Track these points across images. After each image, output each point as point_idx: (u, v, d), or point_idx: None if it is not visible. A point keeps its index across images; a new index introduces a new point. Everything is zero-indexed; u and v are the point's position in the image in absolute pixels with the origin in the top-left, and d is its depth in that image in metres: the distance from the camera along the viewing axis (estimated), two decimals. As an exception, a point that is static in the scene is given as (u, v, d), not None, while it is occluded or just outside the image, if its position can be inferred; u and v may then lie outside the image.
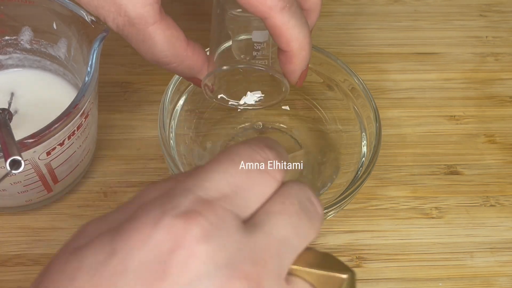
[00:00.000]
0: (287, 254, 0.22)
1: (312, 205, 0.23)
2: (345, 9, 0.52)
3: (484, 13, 0.53)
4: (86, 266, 0.20)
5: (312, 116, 0.43)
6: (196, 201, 0.21)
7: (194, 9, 0.51)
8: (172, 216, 0.20)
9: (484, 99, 0.48)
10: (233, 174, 0.22)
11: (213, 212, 0.20)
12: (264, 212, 0.22)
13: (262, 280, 0.20)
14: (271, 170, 0.23)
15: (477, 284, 0.39)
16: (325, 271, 0.22)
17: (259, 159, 0.23)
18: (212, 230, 0.20)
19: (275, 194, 0.23)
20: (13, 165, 0.30)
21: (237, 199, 0.22)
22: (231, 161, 0.22)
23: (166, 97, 0.38)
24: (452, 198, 0.43)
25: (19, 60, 0.41)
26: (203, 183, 0.21)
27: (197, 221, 0.20)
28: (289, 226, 0.22)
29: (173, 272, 0.19)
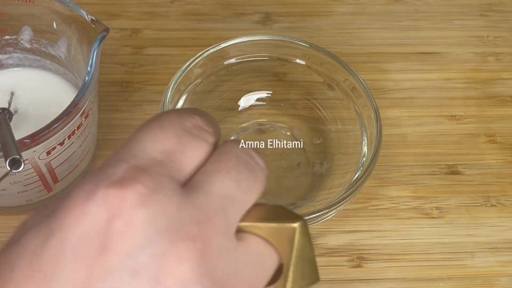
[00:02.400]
0: (233, 209, 0.21)
1: (251, 158, 0.23)
2: (346, 8, 0.52)
3: (485, 12, 0.53)
4: (24, 252, 0.19)
5: (313, 115, 0.43)
6: (129, 169, 0.20)
7: (194, 9, 0.51)
8: (105, 186, 0.19)
9: (485, 99, 0.48)
10: (163, 141, 0.21)
11: (148, 177, 0.20)
12: (201, 173, 0.22)
13: (209, 238, 0.20)
14: (202, 133, 0.22)
15: (478, 284, 0.39)
16: (275, 223, 0.22)
17: (188, 124, 0.22)
18: (148, 195, 0.19)
19: (211, 154, 0.22)
20: (13, 165, 0.30)
21: (171, 164, 0.21)
22: (161, 127, 0.22)
23: (166, 97, 0.38)
24: (453, 198, 0.43)
25: (19, 59, 0.41)
26: (135, 152, 0.21)
27: (132, 187, 0.19)
28: (229, 181, 0.21)
29: (113, 243, 0.19)
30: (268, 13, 0.51)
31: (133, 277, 0.19)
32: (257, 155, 0.23)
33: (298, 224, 0.22)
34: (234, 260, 0.20)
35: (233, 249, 0.21)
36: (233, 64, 0.42)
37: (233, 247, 0.21)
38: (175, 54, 0.48)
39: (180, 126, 0.22)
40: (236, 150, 0.22)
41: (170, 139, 0.22)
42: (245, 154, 0.23)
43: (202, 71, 0.41)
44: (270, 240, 0.22)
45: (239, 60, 0.42)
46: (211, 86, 0.42)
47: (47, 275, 0.19)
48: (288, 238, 0.22)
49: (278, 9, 0.51)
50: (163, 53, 0.48)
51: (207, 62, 0.41)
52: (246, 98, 0.44)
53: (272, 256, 0.22)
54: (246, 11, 0.51)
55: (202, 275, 0.19)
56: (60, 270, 0.19)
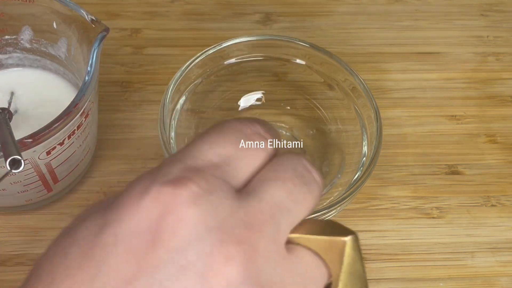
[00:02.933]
0: (284, 219, 0.21)
1: (307, 171, 0.23)
2: (346, 8, 0.52)
3: (485, 12, 0.53)
4: (79, 240, 0.20)
5: (313, 115, 0.43)
6: (185, 169, 0.20)
7: (194, 9, 0.51)
8: (160, 183, 0.20)
9: (485, 99, 0.48)
10: (222, 145, 0.22)
11: (203, 177, 0.20)
12: (256, 180, 0.22)
13: (257, 243, 0.20)
14: (261, 141, 0.23)
15: (478, 284, 0.39)
16: (326, 236, 0.22)
17: (249, 132, 0.23)
18: (202, 194, 0.20)
19: (268, 163, 0.23)
20: (13, 165, 0.30)
21: (227, 168, 0.21)
22: (221, 133, 0.22)
23: (166, 96, 0.38)
24: (453, 198, 0.42)
25: (19, 59, 0.41)
26: (192, 154, 0.21)
27: (186, 185, 0.20)
28: (283, 191, 0.21)
29: (164, 238, 0.19)
30: (268, 13, 0.51)
31: (180, 272, 0.19)
32: (314, 170, 0.23)
33: (349, 239, 0.21)
34: (281, 269, 0.21)
35: (281, 257, 0.21)
36: (233, 64, 0.42)
37: (281, 256, 0.21)
38: (175, 54, 0.48)
39: (240, 132, 0.23)
40: (294, 162, 0.23)
41: (228, 144, 0.22)
42: (302, 167, 0.23)
43: (202, 71, 0.41)
44: (320, 254, 0.22)
45: (239, 60, 0.42)
46: (211, 86, 0.42)
47: (99, 264, 0.19)
48: (339, 253, 0.22)
49: (278, 9, 0.51)
50: (163, 53, 0.48)
51: (207, 62, 0.41)
52: (246, 98, 0.44)
53: (321, 270, 0.22)
54: (246, 11, 0.51)
55: (247, 278, 0.19)
56: (111, 260, 0.19)
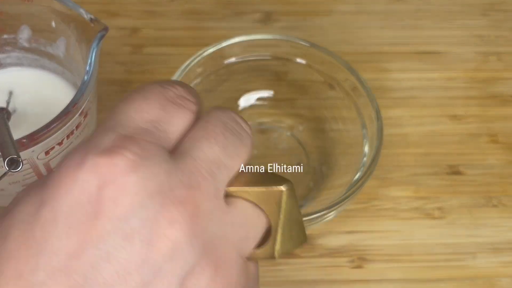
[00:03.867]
0: (220, 173, 0.22)
1: (237, 124, 0.23)
2: (347, 7, 0.52)
3: (486, 12, 0.52)
4: (17, 222, 0.20)
5: (313, 115, 0.43)
6: (117, 138, 0.20)
7: (194, 8, 0.51)
8: (94, 154, 0.20)
9: (486, 98, 0.48)
10: (148, 110, 0.22)
11: (136, 144, 0.20)
12: (188, 139, 0.22)
13: (198, 202, 0.20)
14: (185, 102, 0.23)
15: (479, 284, 0.39)
16: (263, 187, 0.22)
17: (170, 94, 0.23)
18: (138, 161, 0.20)
19: (197, 121, 0.23)
20: (11, 165, 0.30)
21: (157, 132, 0.21)
22: (144, 98, 0.22)
23: (166, 96, 0.38)
24: (455, 198, 0.42)
25: (18, 58, 0.41)
26: (121, 122, 0.21)
27: (121, 154, 0.20)
28: (216, 147, 0.22)
29: (105, 209, 0.19)
30: (269, 12, 0.51)
31: (126, 241, 0.19)
32: (244, 121, 0.24)
33: (286, 188, 0.22)
34: (223, 223, 0.21)
35: (222, 212, 0.21)
36: (233, 63, 0.42)
37: (222, 210, 0.21)
38: (175, 54, 0.48)
39: (163, 96, 0.23)
40: (223, 117, 0.23)
41: (154, 108, 0.22)
42: (231, 121, 0.23)
43: (202, 71, 0.41)
44: (258, 204, 0.22)
45: (239, 60, 0.42)
46: (211, 85, 0.42)
47: (40, 242, 0.19)
48: (276, 201, 0.22)
49: (279, 8, 0.51)
50: (162, 53, 0.48)
51: (207, 62, 0.41)
52: (246, 97, 0.44)
53: (261, 219, 0.23)
54: (246, 10, 0.51)
55: (193, 237, 0.20)
56: (52, 237, 0.19)
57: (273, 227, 0.23)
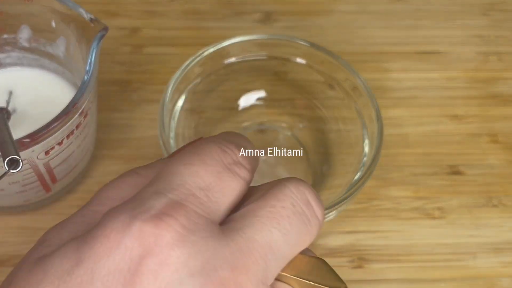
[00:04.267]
0: (274, 261, 0.20)
1: (308, 207, 0.21)
2: (347, 7, 0.52)
3: (487, 12, 0.52)
4: (51, 276, 0.19)
5: (313, 115, 0.43)
6: (167, 204, 0.19)
7: (194, 8, 0.51)
8: (142, 220, 0.19)
9: (487, 98, 0.48)
10: (204, 177, 0.21)
11: (186, 215, 0.19)
12: (248, 214, 0.21)
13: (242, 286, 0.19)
14: (241, 171, 0.22)
15: (480, 285, 0.39)
16: (316, 283, 0.21)
17: (229, 160, 0.21)
18: (185, 235, 0.19)
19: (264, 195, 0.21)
20: (11, 165, 0.30)
21: (208, 203, 0.20)
22: (202, 162, 0.21)
23: (166, 96, 0.38)
24: (455, 199, 0.42)
25: (18, 58, 0.41)
26: (174, 186, 0.20)
27: (169, 225, 0.19)
28: (277, 232, 0.20)
29: (144, 280, 0.18)
30: (269, 12, 0.51)
31: None
32: (317, 203, 0.22)
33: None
34: None
35: None
36: (233, 63, 0.42)
37: None
38: (175, 53, 0.48)
39: (221, 161, 0.21)
40: (295, 196, 0.21)
41: (210, 175, 0.21)
42: (303, 203, 0.21)
43: (202, 70, 0.41)
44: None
45: (239, 59, 0.42)
46: (211, 85, 0.42)
47: None
48: None
49: (279, 8, 0.51)
50: (162, 52, 0.48)
51: (207, 61, 0.41)
52: (246, 97, 0.44)
53: None
54: (246, 10, 0.51)
55: None
56: None
57: None
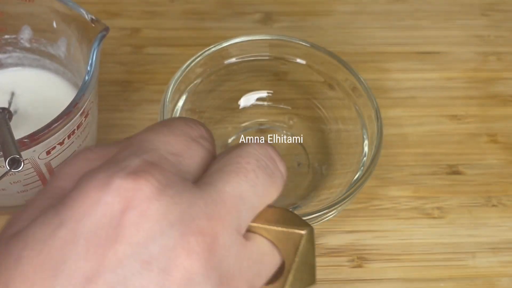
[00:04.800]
0: (245, 211, 0.21)
1: (271, 161, 0.23)
2: (346, 8, 0.52)
3: (486, 12, 0.53)
4: (32, 243, 0.19)
5: (313, 115, 0.43)
6: (143, 163, 0.21)
7: (194, 8, 0.51)
8: (121, 177, 0.20)
9: (486, 98, 0.48)
10: (174, 144, 0.22)
11: (161, 171, 0.20)
12: (217, 171, 0.22)
13: (218, 234, 0.20)
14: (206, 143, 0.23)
15: (479, 284, 0.39)
16: (283, 227, 0.22)
17: (195, 133, 0.23)
18: (162, 188, 0.20)
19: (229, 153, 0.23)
20: (12, 164, 0.30)
21: (180, 165, 0.22)
22: (172, 132, 0.23)
23: (166, 96, 0.38)
24: (454, 198, 0.42)
25: (19, 59, 0.41)
26: (147, 150, 0.21)
27: (146, 179, 0.20)
28: (245, 184, 0.22)
29: (126, 233, 0.19)
30: (269, 13, 0.51)
31: (143, 267, 0.19)
32: (279, 159, 0.23)
33: (306, 232, 0.22)
34: (240, 258, 0.21)
35: (241, 246, 0.21)
36: (234, 63, 0.42)
37: (240, 245, 0.21)
38: (175, 54, 0.48)
39: (188, 133, 0.23)
40: (258, 153, 0.23)
41: (179, 143, 0.22)
42: (266, 158, 0.23)
43: (202, 71, 0.41)
44: (276, 243, 0.23)
45: (239, 60, 0.42)
46: (211, 85, 0.42)
47: (57, 264, 0.19)
48: (294, 244, 0.22)
49: (279, 9, 0.51)
50: (163, 53, 0.48)
51: (207, 62, 0.41)
52: (246, 97, 0.44)
53: (276, 258, 0.23)
54: (246, 10, 0.51)
55: (209, 269, 0.20)
56: (71, 258, 0.19)
57: (287, 267, 0.23)
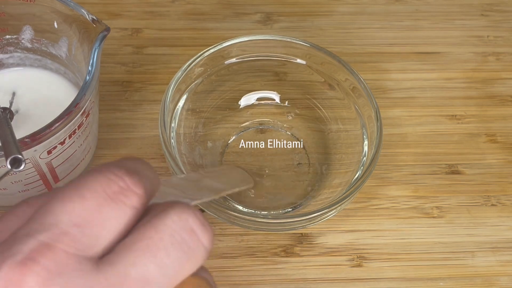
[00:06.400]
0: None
1: (191, 236, 0.21)
2: (346, 8, 0.52)
3: (485, 12, 0.53)
4: None
5: (313, 115, 0.43)
6: (35, 247, 0.19)
7: (195, 9, 0.51)
8: (9, 266, 0.19)
9: (485, 98, 0.48)
10: (80, 213, 0.20)
11: (53, 258, 0.19)
12: (123, 248, 0.20)
13: None
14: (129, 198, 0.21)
15: (478, 283, 0.39)
16: None
17: (113, 189, 0.20)
18: (50, 278, 0.19)
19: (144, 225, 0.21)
20: (13, 164, 0.30)
21: (83, 239, 0.20)
22: (80, 197, 0.20)
23: (167, 96, 0.38)
24: (453, 198, 0.43)
25: (20, 59, 0.41)
26: (46, 226, 0.20)
27: (32, 270, 0.19)
28: (153, 265, 0.20)
29: None
30: (269, 13, 0.51)
31: None
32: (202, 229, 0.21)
33: None
34: None
35: None
36: (234, 63, 0.42)
37: None
38: (176, 54, 0.48)
39: (103, 192, 0.20)
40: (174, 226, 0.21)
41: (87, 210, 0.20)
42: (184, 231, 0.21)
43: (203, 71, 0.41)
44: None
45: (239, 60, 0.42)
46: (211, 85, 0.42)
47: None
48: None
49: (279, 9, 0.52)
50: (163, 53, 0.48)
51: (208, 62, 0.41)
52: (246, 97, 0.44)
53: None
54: (246, 11, 0.51)
55: None
56: None
57: None
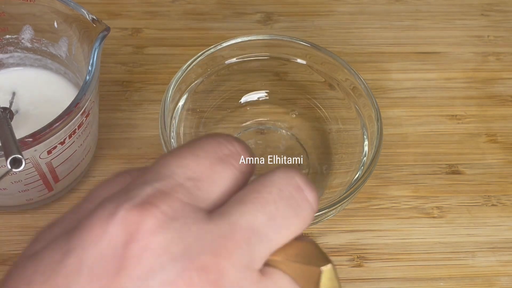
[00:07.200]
0: (260, 245, 0.20)
1: (298, 191, 0.21)
2: (346, 8, 0.52)
3: (485, 12, 0.53)
4: (43, 268, 0.19)
5: (314, 115, 0.43)
6: (152, 193, 0.20)
7: (195, 9, 0.51)
8: (127, 208, 0.19)
9: (485, 98, 0.48)
10: (193, 168, 0.21)
11: (169, 203, 0.20)
12: (234, 200, 0.21)
13: (224, 271, 0.19)
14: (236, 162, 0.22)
15: (478, 283, 0.39)
16: (302, 264, 0.21)
17: (225, 152, 0.22)
18: (167, 221, 0.19)
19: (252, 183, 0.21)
20: (13, 164, 0.30)
21: (197, 192, 0.21)
22: (194, 155, 0.21)
23: (167, 96, 0.38)
24: (454, 198, 0.43)
25: (20, 59, 0.41)
26: (161, 176, 0.21)
27: (151, 212, 0.19)
28: (261, 216, 0.20)
29: (128, 265, 0.19)
30: (269, 13, 0.51)
31: None
32: (308, 188, 0.22)
33: (326, 269, 0.21)
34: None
35: (253, 283, 0.20)
36: (234, 63, 0.42)
37: (253, 282, 0.20)
38: (176, 54, 0.48)
39: (215, 153, 0.22)
40: (282, 182, 0.21)
41: (201, 166, 0.21)
42: (291, 187, 0.21)
43: (203, 71, 0.41)
44: (296, 279, 0.21)
45: (239, 60, 0.42)
46: (211, 85, 0.42)
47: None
48: (315, 281, 0.21)
49: (279, 9, 0.52)
50: (164, 53, 0.48)
51: (208, 62, 0.41)
52: (246, 97, 0.44)
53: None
54: (246, 11, 0.51)
55: None
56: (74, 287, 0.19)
57: None
